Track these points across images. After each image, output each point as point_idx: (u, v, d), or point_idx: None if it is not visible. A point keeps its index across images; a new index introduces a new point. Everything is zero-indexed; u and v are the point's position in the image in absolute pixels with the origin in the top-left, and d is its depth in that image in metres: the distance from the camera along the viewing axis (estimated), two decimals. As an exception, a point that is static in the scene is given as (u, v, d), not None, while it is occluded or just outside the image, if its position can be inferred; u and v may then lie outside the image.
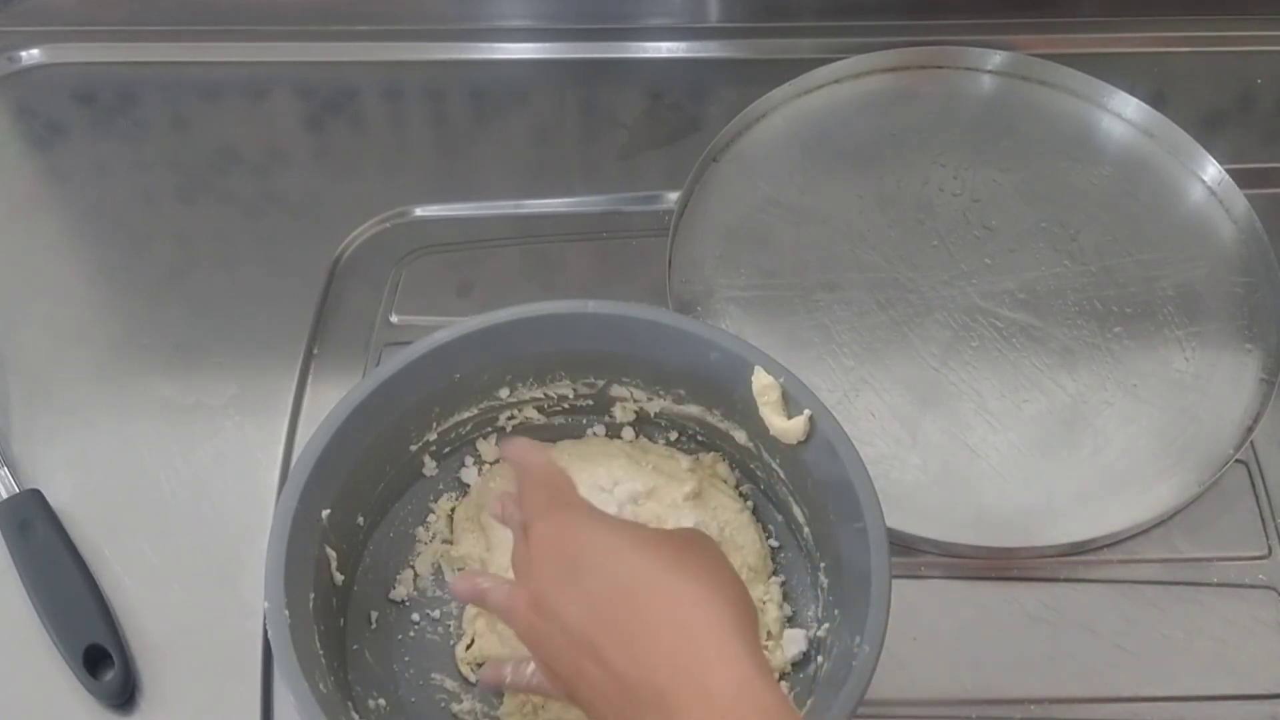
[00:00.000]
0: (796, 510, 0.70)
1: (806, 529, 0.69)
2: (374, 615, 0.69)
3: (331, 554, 0.66)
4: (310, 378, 0.81)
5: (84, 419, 0.79)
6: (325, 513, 0.64)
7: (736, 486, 0.73)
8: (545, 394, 0.73)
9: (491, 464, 0.74)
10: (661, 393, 0.72)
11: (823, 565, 0.67)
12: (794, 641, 0.67)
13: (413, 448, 0.72)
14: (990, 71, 0.95)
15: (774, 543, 0.72)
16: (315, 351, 0.82)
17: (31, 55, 0.97)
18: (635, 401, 0.73)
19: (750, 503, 0.73)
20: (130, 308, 0.85)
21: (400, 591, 0.70)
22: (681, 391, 0.72)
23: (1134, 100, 0.91)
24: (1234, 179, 0.87)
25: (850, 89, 0.95)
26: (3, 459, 0.76)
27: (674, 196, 0.88)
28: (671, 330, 0.68)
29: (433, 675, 0.68)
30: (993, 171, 0.90)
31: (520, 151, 0.93)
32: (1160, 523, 0.74)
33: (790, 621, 0.69)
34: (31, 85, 0.97)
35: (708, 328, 0.69)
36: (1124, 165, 0.90)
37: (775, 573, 0.70)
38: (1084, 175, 0.90)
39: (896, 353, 0.81)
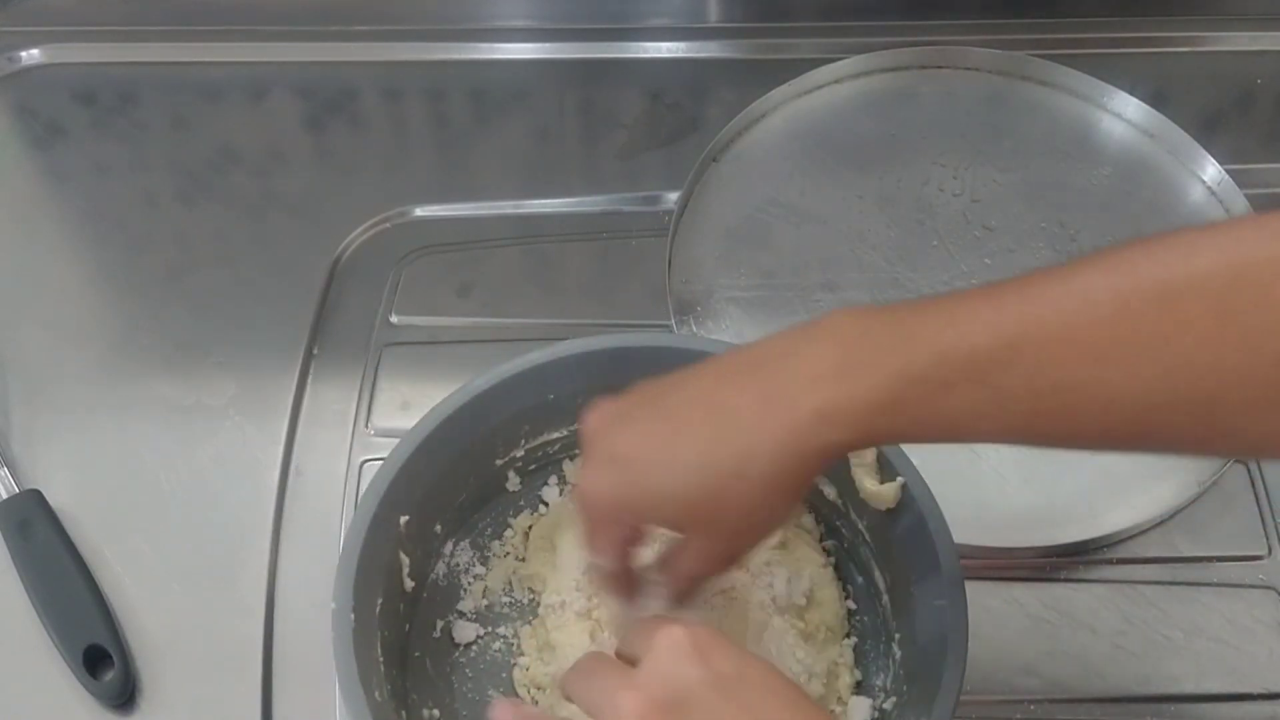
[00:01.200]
0: (878, 575, 0.67)
1: (886, 596, 0.67)
2: (439, 625, 0.68)
3: (405, 560, 0.65)
4: (310, 378, 0.81)
5: (84, 419, 0.79)
6: (404, 519, 0.64)
7: (820, 541, 0.71)
8: None
9: (574, 485, 0.73)
10: None
11: (898, 636, 0.65)
12: (859, 709, 0.65)
13: (499, 462, 0.71)
14: (990, 71, 0.95)
15: (851, 604, 0.69)
16: (315, 352, 0.82)
17: (31, 55, 0.98)
18: None
19: (833, 559, 0.70)
20: (130, 308, 0.85)
21: (468, 604, 0.69)
22: None
23: (1134, 100, 0.92)
24: (1233, 179, 0.87)
25: (850, 89, 0.95)
26: (3, 459, 0.76)
27: (673, 197, 0.88)
28: None
29: (489, 691, 0.67)
30: (992, 171, 0.90)
31: (520, 152, 0.93)
32: (1160, 523, 0.74)
33: (858, 687, 0.66)
34: (31, 85, 0.97)
35: None
36: (1124, 165, 0.90)
37: (849, 635, 0.68)
38: (1084, 175, 0.90)
39: (896, 353, 0.82)
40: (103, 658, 0.69)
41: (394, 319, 0.83)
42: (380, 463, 0.75)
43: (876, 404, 0.48)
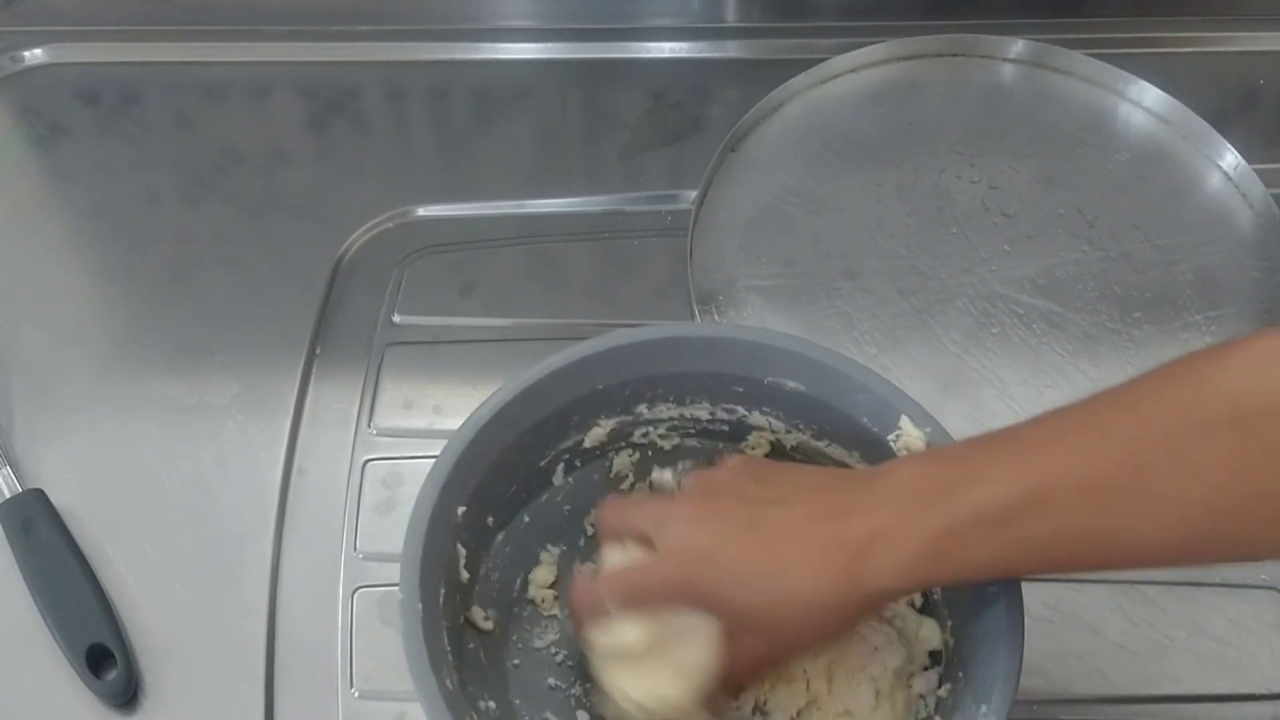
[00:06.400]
0: None
1: None
2: (492, 615, 0.70)
3: (461, 551, 0.67)
4: (313, 378, 0.83)
5: (87, 419, 0.81)
6: (461, 509, 0.66)
7: None
8: (682, 415, 0.73)
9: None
10: (801, 427, 0.71)
11: (949, 624, 0.66)
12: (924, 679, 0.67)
13: (547, 453, 0.72)
14: (1008, 60, 0.98)
15: None
16: (318, 351, 0.84)
17: (34, 55, 1.00)
18: (773, 432, 0.73)
19: None
20: (133, 307, 0.88)
21: (519, 598, 0.71)
22: (822, 428, 0.71)
23: (1151, 88, 0.94)
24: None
25: (868, 77, 0.98)
26: (5, 458, 0.78)
27: (676, 196, 0.91)
28: (823, 367, 0.68)
29: (548, 681, 0.69)
30: (1010, 159, 0.92)
31: (523, 151, 0.95)
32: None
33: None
34: (34, 85, 1.00)
35: (860, 368, 0.68)
36: (1141, 151, 0.93)
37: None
38: (1101, 162, 0.92)
39: (918, 340, 0.84)
40: (105, 657, 0.71)
41: (396, 319, 0.86)
42: (381, 461, 0.79)
43: (923, 556, 0.55)
